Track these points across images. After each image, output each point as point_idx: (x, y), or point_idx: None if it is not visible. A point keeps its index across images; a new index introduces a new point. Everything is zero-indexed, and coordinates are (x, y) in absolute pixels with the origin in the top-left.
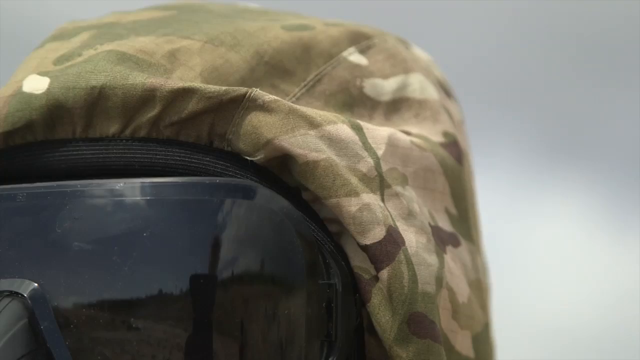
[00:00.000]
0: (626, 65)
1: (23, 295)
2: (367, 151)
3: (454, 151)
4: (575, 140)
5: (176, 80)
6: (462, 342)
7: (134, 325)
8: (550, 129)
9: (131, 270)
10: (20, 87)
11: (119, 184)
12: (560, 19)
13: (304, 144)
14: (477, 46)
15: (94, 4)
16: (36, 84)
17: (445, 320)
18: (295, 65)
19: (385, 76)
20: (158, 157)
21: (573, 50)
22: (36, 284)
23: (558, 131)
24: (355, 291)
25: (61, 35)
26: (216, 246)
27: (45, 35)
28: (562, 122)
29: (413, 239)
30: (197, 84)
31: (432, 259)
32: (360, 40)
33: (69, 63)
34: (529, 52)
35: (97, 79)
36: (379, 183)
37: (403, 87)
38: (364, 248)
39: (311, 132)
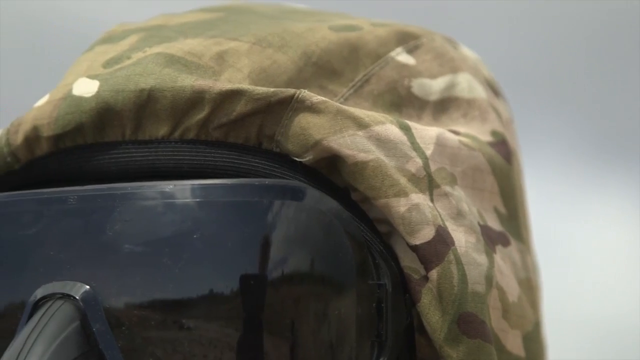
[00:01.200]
0: None
1: (75, 298)
2: (415, 151)
3: (503, 150)
4: (622, 138)
5: (224, 82)
6: (513, 342)
7: (185, 326)
8: (597, 128)
9: (182, 272)
10: (70, 90)
11: (169, 186)
12: (607, 13)
13: (352, 145)
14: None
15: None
16: (86, 87)
17: (495, 320)
18: (343, 65)
19: (433, 76)
20: (207, 159)
21: (619, 47)
22: (88, 287)
23: (606, 130)
24: (405, 291)
25: (110, 38)
26: (266, 247)
27: (95, 38)
28: (610, 120)
29: (462, 238)
30: (245, 85)
31: (482, 258)
32: (408, 40)
33: (118, 66)
34: (574, 50)
35: (146, 82)
36: (428, 183)
37: (451, 86)
38: (414, 248)
39: (359, 133)
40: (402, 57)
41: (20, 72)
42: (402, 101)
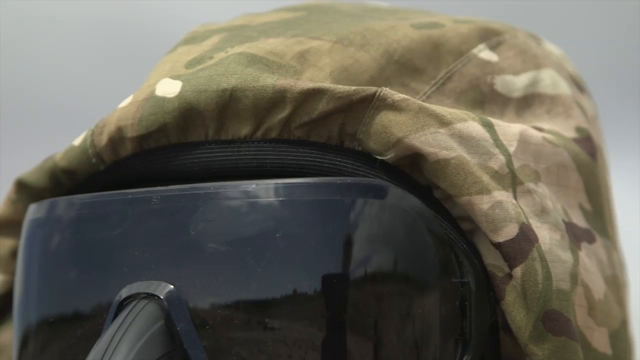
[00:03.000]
0: None
1: (159, 297)
2: (498, 148)
3: (588, 146)
4: None
5: (306, 81)
6: (599, 339)
7: (269, 326)
8: None
9: (265, 271)
10: (153, 91)
11: (252, 185)
12: None
13: (434, 142)
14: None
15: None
16: (169, 88)
17: (581, 317)
18: (425, 63)
19: (516, 72)
20: (289, 158)
21: None
22: (172, 286)
23: None
24: (489, 289)
25: (193, 39)
26: (349, 246)
27: (178, 39)
28: None
29: (547, 235)
30: (326, 84)
31: (567, 255)
32: (491, 36)
33: (201, 66)
34: None
35: (228, 82)
36: (511, 180)
37: (534, 82)
38: (497, 246)
39: (441, 130)
40: (484, 54)
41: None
42: (485, 98)
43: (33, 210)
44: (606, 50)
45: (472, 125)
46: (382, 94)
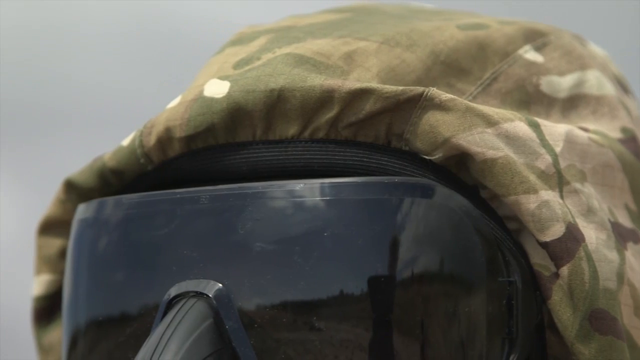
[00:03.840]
0: None
1: (208, 296)
2: (544, 148)
3: (633, 147)
4: None
5: (353, 81)
6: None
7: (316, 325)
8: None
9: (313, 270)
10: (202, 91)
11: (299, 184)
12: None
13: (481, 142)
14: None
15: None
16: (217, 88)
17: (627, 317)
18: (471, 64)
19: (562, 73)
20: (337, 157)
21: None
22: (221, 285)
23: None
24: (535, 288)
25: (240, 40)
26: (396, 245)
27: (226, 40)
28: None
29: (593, 235)
30: (373, 84)
31: (613, 255)
32: (536, 37)
33: (248, 67)
34: None
35: (276, 82)
36: (558, 180)
37: (580, 83)
38: (544, 245)
39: (488, 130)
40: (530, 54)
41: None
42: (531, 99)
43: (82, 210)
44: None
45: (518, 125)
46: (429, 93)
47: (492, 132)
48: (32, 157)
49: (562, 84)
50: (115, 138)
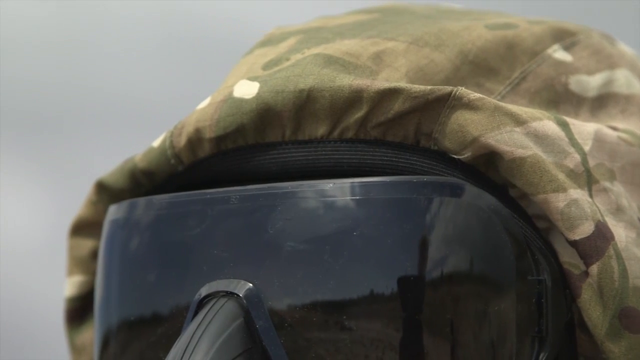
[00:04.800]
0: None
1: (239, 296)
2: (573, 147)
3: None
4: None
5: (382, 81)
6: None
7: (347, 325)
8: None
9: (342, 270)
10: (231, 92)
11: (329, 184)
12: None
13: (510, 141)
14: None
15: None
16: (246, 89)
17: None
18: (499, 63)
19: (591, 72)
20: (366, 157)
21: None
22: (251, 284)
23: None
24: (565, 287)
25: (269, 41)
26: (425, 244)
27: (255, 41)
28: None
29: (622, 233)
30: (402, 84)
31: None
32: (565, 37)
33: (278, 68)
34: None
35: (305, 82)
36: (587, 178)
37: (609, 82)
38: (573, 243)
39: (517, 129)
40: (559, 54)
41: (184, 75)
42: (560, 98)
43: (113, 211)
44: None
45: (547, 124)
46: (458, 93)
47: (520, 131)
48: (63, 158)
49: (591, 83)
50: (146, 139)
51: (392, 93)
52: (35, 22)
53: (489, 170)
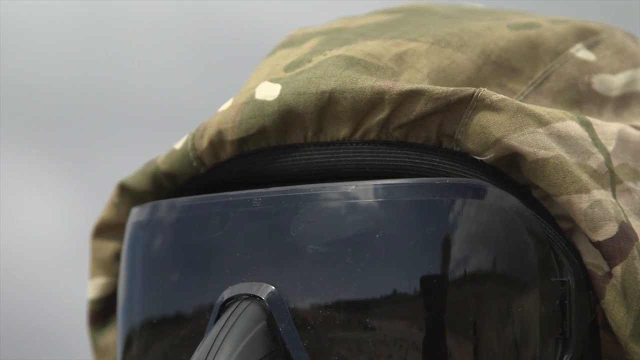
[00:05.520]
0: None
1: (261, 298)
2: (596, 147)
3: None
4: None
5: (404, 83)
6: None
7: (369, 326)
8: None
9: (365, 272)
10: (253, 94)
11: (352, 186)
12: None
13: (533, 142)
14: None
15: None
16: (268, 91)
17: None
18: (522, 63)
19: (614, 71)
20: (388, 159)
21: None
22: (273, 287)
23: None
24: (588, 288)
25: (291, 42)
26: (448, 246)
27: (276, 43)
28: None
29: None
30: (424, 85)
31: None
32: (588, 36)
33: (299, 69)
34: None
35: (327, 84)
36: (610, 179)
37: (632, 81)
38: (597, 244)
39: (540, 130)
40: (582, 53)
41: (205, 77)
42: (583, 97)
43: (135, 214)
44: None
45: (570, 125)
46: (480, 94)
47: (543, 131)
48: (87, 159)
49: (615, 82)
50: (170, 140)
51: (414, 94)
52: (63, 25)
53: (511, 171)
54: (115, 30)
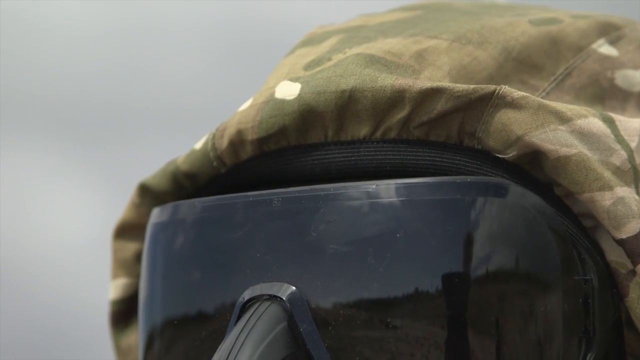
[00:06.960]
0: None
1: (282, 299)
2: (619, 144)
3: None
4: None
5: (424, 81)
6: None
7: (391, 325)
8: None
9: (386, 271)
10: (273, 93)
11: (372, 185)
12: None
13: (554, 140)
14: None
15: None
16: (288, 90)
17: None
18: (544, 59)
19: (637, 67)
20: (409, 157)
21: None
22: (294, 287)
23: None
24: (612, 286)
25: (311, 41)
26: (470, 245)
27: (296, 41)
28: None
29: None
30: (445, 83)
31: None
32: (610, 31)
33: (319, 68)
34: None
35: (347, 83)
36: (633, 176)
37: None
38: (620, 242)
39: (562, 127)
40: (604, 48)
41: (225, 77)
42: (605, 93)
43: (156, 214)
44: None
45: (592, 122)
46: (501, 92)
47: (565, 129)
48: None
49: (637, 77)
50: (191, 140)
51: (434, 93)
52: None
53: (533, 169)
54: (145, 34)
